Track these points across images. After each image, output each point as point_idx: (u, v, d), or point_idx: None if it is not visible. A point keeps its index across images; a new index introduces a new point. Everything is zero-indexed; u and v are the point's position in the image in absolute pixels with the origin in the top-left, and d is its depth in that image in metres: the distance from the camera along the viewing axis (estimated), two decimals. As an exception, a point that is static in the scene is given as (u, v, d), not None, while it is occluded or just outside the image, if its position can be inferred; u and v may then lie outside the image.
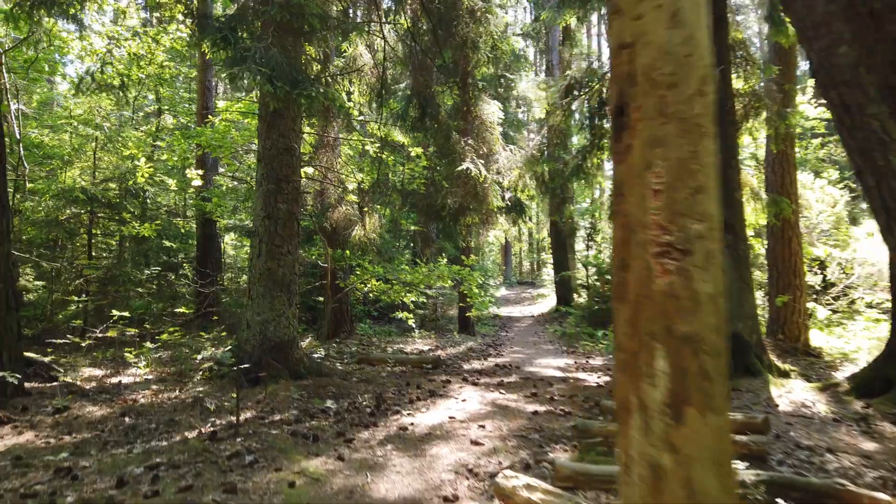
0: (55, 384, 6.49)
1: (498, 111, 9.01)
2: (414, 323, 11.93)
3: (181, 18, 13.59)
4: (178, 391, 6.44)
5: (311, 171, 9.32)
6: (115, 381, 7.22)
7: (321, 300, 11.67)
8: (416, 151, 11.32)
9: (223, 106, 10.75)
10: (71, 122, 11.43)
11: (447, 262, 11.97)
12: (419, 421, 5.62)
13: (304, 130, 7.78)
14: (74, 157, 11.26)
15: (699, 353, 1.27)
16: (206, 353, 7.55)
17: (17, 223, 10.64)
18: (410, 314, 11.59)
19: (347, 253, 10.37)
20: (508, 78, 9.08)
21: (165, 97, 16.25)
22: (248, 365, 5.58)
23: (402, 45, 9.77)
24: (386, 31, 8.61)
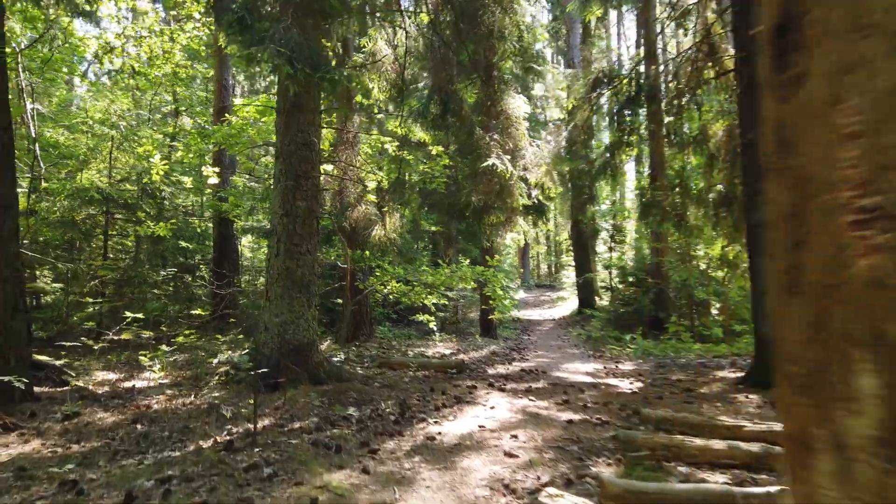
0: (66, 389, 6.24)
1: (524, 105, 8.66)
2: (435, 326, 11.59)
3: (198, 17, 13.46)
4: (193, 396, 6.16)
5: (330, 168, 9.03)
6: (128, 385, 6.97)
7: (340, 302, 11.37)
8: (436, 150, 11.00)
9: (240, 103, 10.50)
10: (87, 121, 11.26)
11: (469, 263, 11.61)
12: (447, 430, 5.28)
13: (323, 125, 7.49)
14: (90, 156, 11.08)
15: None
16: (222, 356, 7.28)
17: (32, 223, 10.49)
18: (431, 317, 11.25)
19: (367, 254, 10.05)
20: (536, 69, 8.72)
21: (183, 97, 16.12)
22: (265, 370, 5.28)
23: (422, 39, 9.46)
24: (407, 23, 8.30)
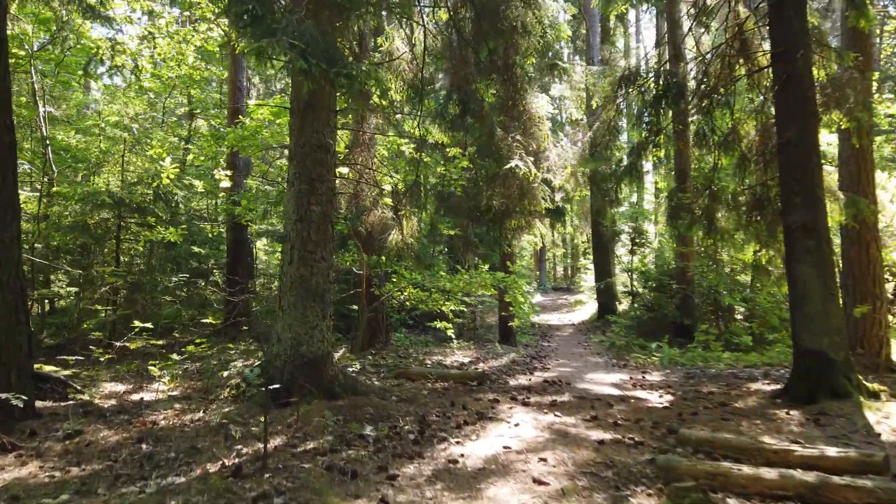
0: (70, 403, 5.98)
1: (547, 104, 8.29)
2: (452, 333, 11.25)
3: (212, 17, 13.25)
4: (202, 412, 5.87)
5: (345, 170, 8.73)
6: (136, 398, 6.70)
7: (355, 308, 11.07)
8: (454, 152, 10.66)
9: (254, 105, 10.24)
10: (99, 123, 11.07)
11: (488, 268, 11.26)
12: (470, 451, 4.92)
13: (339, 121, 7.18)
14: (102, 160, 10.89)
15: None
16: (233, 368, 7.00)
17: (43, 227, 10.31)
18: (449, 324, 10.90)
19: (383, 259, 9.74)
20: (560, 66, 8.36)
21: (198, 100, 15.95)
22: (277, 385, 4.97)
23: (440, 37, 9.15)
24: (425, 20, 7.98)
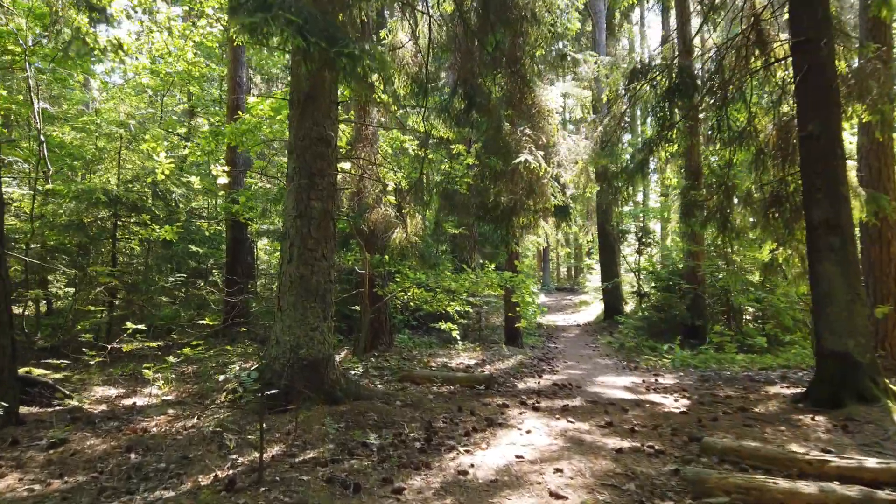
0: (58, 408, 5.69)
1: (558, 96, 7.98)
2: (457, 334, 10.92)
3: (211, 12, 12.96)
4: (196, 418, 5.56)
5: (347, 166, 8.42)
6: (129, 402, 6.40)
7: (357, 309, 10.76)
8: (458, 148, 10.36)
9: (254, 101, 9.95)
10: (94, 119, 10.78)
11: (494, 268, 10.95)
12: (480, 461, 4.61)
13: (340, 117, 6.88)
14: (99, 157, 10.59)
15: None
16: (230, 372, 6.70)
17: (37, 226, 10.03)
18: (454, 325, 10.58)
19: (387, 258, 9.42)
20: (572, 56, 8.03)
21: (197, 96, 15.68)
22: (274, 391, 4.67)
23: (445, 29, 8.85)
24: (430, 9, 7.68)
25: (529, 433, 5.53)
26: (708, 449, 4.79)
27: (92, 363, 6.67)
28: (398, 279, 9.83)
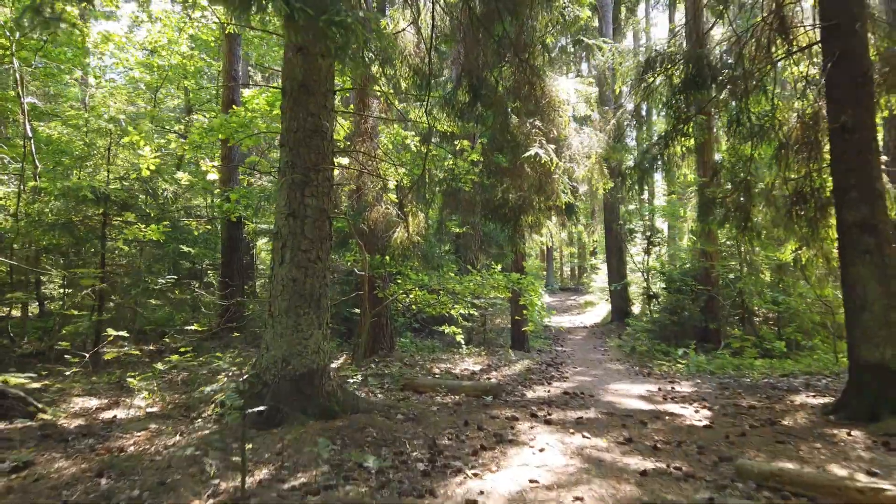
0: (29, 423, 5.22)
1: (570, 87, 7.48)
2: (461, 338, 10.44)
3: (206, 2, 12.48)
4: (178, 435, 5.09)
5: (345, 161, 7.95)
6: (109, 415, 5.94)
7: (357, 311, 10.29)
8: (463, 144, 9.88)
9: (249, 94, 9.48)
10: (82, 114, 10.31)
11: (500, 269, 10.46)
12: (491, 486, 4.13)
13: (337, 109, 6.40)
14: (87, 153, 10.12)
15: None
16: (218, 382, 6.23)
17: (22, 225, 9.58)
18: (458, 328, 10.09)
19: (388, 259, 8.94)
20: (587, 42, 7.51)
21: (193, 91, 15.22)
22: (261, 408, 4.20)
23: (448, 18, 8.38)
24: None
25: (543, 451, 5.06)
26: (743, 473, 4.31)
27: (68, 373, 6.20)
28: (399, 281, 9.35)
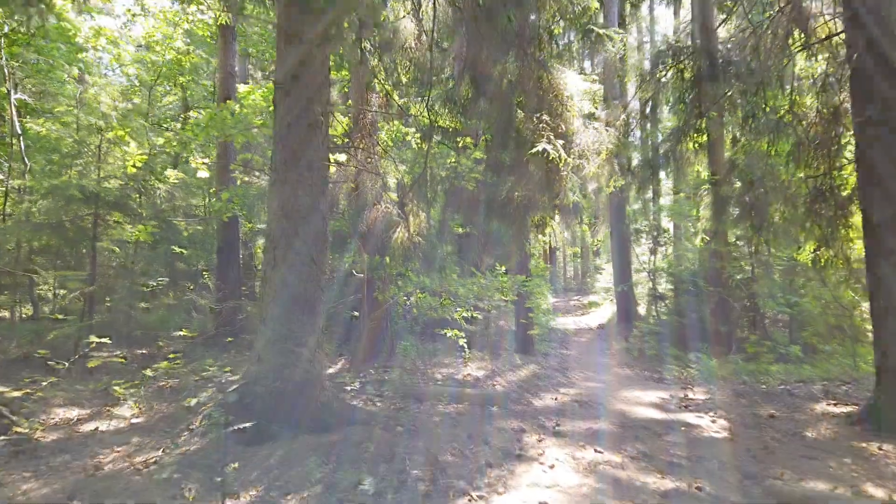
0: (1, 438, 4.87)
1: (578, 81, 7.13)
2: (464, 342, 10.05)
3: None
4: (161, 450, 4.73)
5: (343, 158, 7.60)
6: (90, 427, 5.58)
7: (356, 314, 9.92)
8: (466, 141, 9.52)
9: (244, 90, 9.14)
10: (73, 110, 9.98)
11: (504, 271, 10.09)
12: (498, 511, 3.78)
13: (335, 103, 6.05)
14: (76, 150, 9.78)
15: None
16: (206, 392, 5.88)
17: (9, 225, 9.25)
18: (461, 332, 9.71)
19: (388, 260, 8.57)
20: (598, 31, 7.18)
21: (189, 87, 14.88)
22: (247, 424, 3.86)
23: (451, 10, 8.01)
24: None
25: (553, 468, 4.70)
26: (773, 494, 3.95)
27: (45, 383, 5.85)
28: (400, 283, 8.98)
